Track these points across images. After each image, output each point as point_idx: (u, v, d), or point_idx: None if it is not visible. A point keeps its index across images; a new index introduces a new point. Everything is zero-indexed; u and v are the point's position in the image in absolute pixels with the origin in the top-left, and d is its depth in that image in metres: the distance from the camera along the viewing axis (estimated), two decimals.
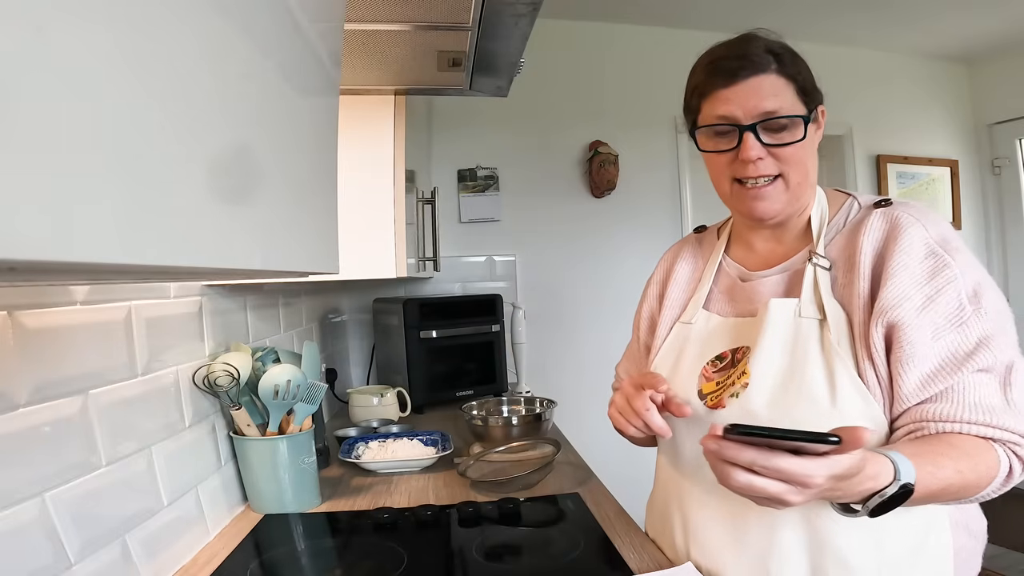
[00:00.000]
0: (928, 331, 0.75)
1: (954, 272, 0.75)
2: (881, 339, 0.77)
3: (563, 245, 2.73)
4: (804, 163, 0.85)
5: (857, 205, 0.88)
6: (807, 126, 0.83)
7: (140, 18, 0.30)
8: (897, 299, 0.76)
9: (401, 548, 1.01)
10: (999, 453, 0.72)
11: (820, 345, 0.80)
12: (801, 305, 0.83)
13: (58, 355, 0.73)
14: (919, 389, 0.74)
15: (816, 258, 0.85)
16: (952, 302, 0.75)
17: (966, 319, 0.74)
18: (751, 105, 0.82)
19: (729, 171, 0.87)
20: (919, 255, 0.77)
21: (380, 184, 1.25)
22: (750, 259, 0.96)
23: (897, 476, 0.65)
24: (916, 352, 0.74)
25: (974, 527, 0.84)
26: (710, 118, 0.86)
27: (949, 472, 0.69)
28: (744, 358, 0.86)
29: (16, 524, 0.64)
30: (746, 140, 0.82)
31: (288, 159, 0.54)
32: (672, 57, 2.84)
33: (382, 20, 0.95)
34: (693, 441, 0.89)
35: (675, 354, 0.97)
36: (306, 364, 1.24)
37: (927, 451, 0.70)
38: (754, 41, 0.85)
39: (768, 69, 0.82)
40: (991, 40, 3.06)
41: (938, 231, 0.79)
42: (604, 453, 1.78)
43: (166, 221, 0.33)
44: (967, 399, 0.73)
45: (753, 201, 0.86)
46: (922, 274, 0.76)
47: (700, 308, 0.97)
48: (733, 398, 0.84)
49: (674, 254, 1.09)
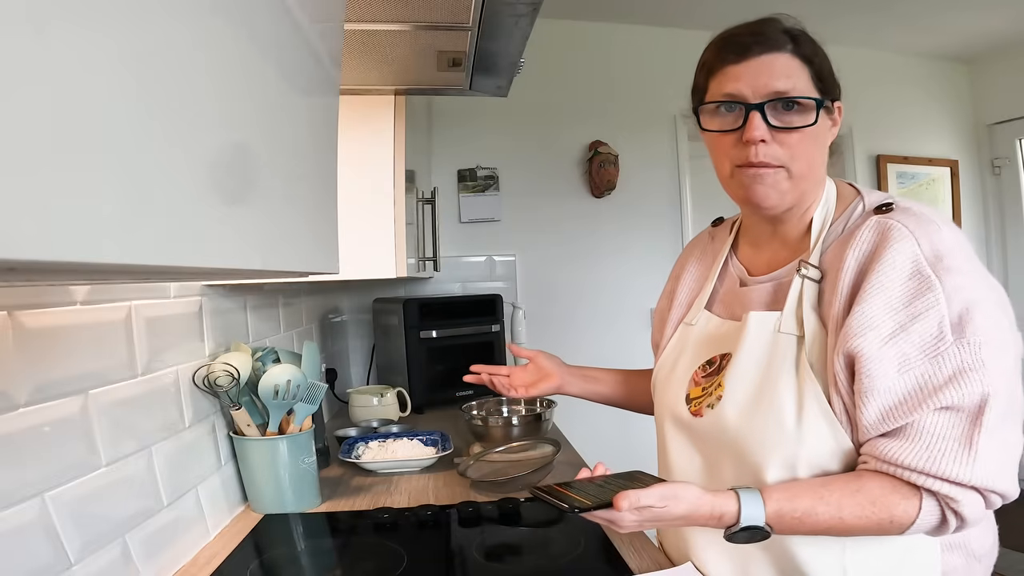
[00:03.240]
0: (893, 363, 0.69)
1: (937, 296, 0.68)
2: (843, 369, 0.72)
3: (563, 245, 2.73)
4: (811, 155, 0.79)
5: (862, 207, 0.81)
6: (819, 111, 0.77)
7: (139, 18, 0.30)
8: (861, 327, 0.70)
9: (401, 548, 1.01)
10: (925, 504, 0.69)
11: (795, 364, 0.77)
12: (782, 319, 0.79)
13: (58, 355, 0.73)
14: (879, 422, 0.70)
15: (805, 268, 0.79)
16: (929, 330, 0.68)
17: (943, 350, 0.67)
18: (761, 83, 0.77)
19: (731, 154, 0.81)
20: (901, 275, 0.70)
21: (380, 184, 1.25)
22: (755, 262, 0.92)
23: (739, 519, 0.70)
24: (875, 386, 0.69)
25: (975, 546, 0.79)
26: (716, 95, 0.81)
27: (826, 518, 0.70)
28: (726, 366, 0.84)
29: (16, 524, 0.64)
30: (751, 119, 0.77)
31: (288, 159, 0.54)
32: (672, 57, 2.84)
33: (382, 20, 0.95)
34: (680, 446, 0.90)
35: (676, 356, 0.96)
36: (306, 364, 1.24)
37: (815, 491, 0.71)
38: (772, 22, 0.80)
39: (783, 48, 0.77)
40: (991, 40, 3.06)
41: (932, 246, 0.71)
42: (604, 453, 1.78)
43: (166, 221, 0.33)
44: (920, 440, 0.68)
45: (752, 183, 0.79)
46: (900, 297, 0.70)
47: (702, 309, 0.95)
48: (709, 408, 0.83)
49: (689, 251, 1.07)
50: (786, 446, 0.75)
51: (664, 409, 0.94)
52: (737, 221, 0.99)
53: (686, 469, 0.88)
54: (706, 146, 0.87)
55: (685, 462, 0.89)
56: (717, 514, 0.70)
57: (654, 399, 1.00)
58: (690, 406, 0.87)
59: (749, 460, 0.78)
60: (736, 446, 0.80)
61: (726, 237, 0.99)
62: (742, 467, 0.79)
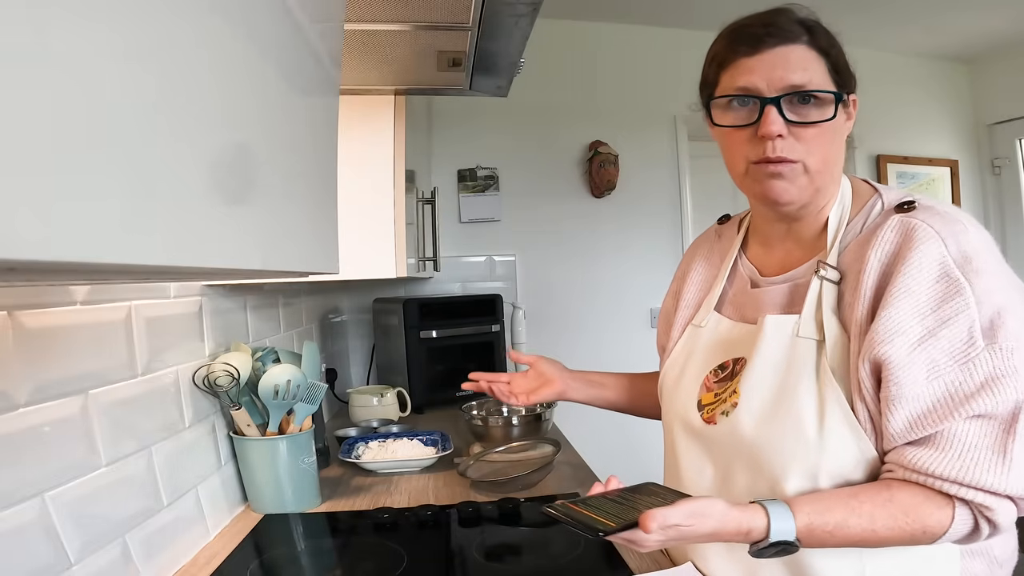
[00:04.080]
0: (922, 370, 0.66)
1: (967, 300, 0.65)
2: (869, 375, 0.70)
3: (563, 245, 2.73)
4: (828, 150, 0.76)
5: (880, 205, 0.78)
6: (838, 105, 0.74)
7: (140, 18, 0.30)
8: (889, 333, 0.67)
9: (401, 548, 1.01)
10: (958, 513, 0.67)
11: (815, 370, 0.74)
12: (800, 323, 0.76)
13: (58, 355, 0.73)
14: (906, 431, 0.68)
15: (824, 269, 0.76)
16: (960, 336, 0.66)
17: (974, 356, 0.65)
18: (776, 76, 0.73)
19: (745, 151, 0.77)
20: (929, 278, 0.67)
21: (380, 184, 1.25)
22: (766, 262, 0.88)
23: (768, 535, 0.67)
24: (903, 393, 0.67)
25: (998, 552, 0.76)
26: (729, 89, 0.77)
27: (858, 530, 0.67)
28: (740, 372, 0.81)
29: (16, 524, 0.64)
30: (767, 114, 0.73)
31: (288, 159, 0.54)
32: (672, 57, 2.84)
33: (382, 20, 0.95)
34: (691, 454, 0.86)
35: (684, 359, 0.92)
36: (306, 364, 1.24)
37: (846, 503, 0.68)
38: (784, 12, 0.76)
39: (798, 40, 0.74)
40: (991, 40, 3.05)
41: (960, 247, 0.68)
42: (604, 453, 1.78)
43: (166, 221, 0.33)
44: (952, 449, 0.66)
45: (769, 179, 0.76)
46: (928, 301, 0.67)
47: (711, 310, 0.91)
48: (724, 416, 0.80)
49: (695, 250, 1.03)
50: (807, 455, 0.72)
51: (673, 415, 0.91)
52: (746, 218, 0.96)
53: (696, 478, 0.85)
54: (717, 142, 0.83)
55: (695, 471, 0.85)
56: (744, 530, 0.67)
57: (662, 404, 0.97)
58: (702, 413, 0.84)
59: (766, 470, 0.75)
60: (752, 455, 0.77)
61: (734, 235, 0.95)
62: (758, 477, 0.77)
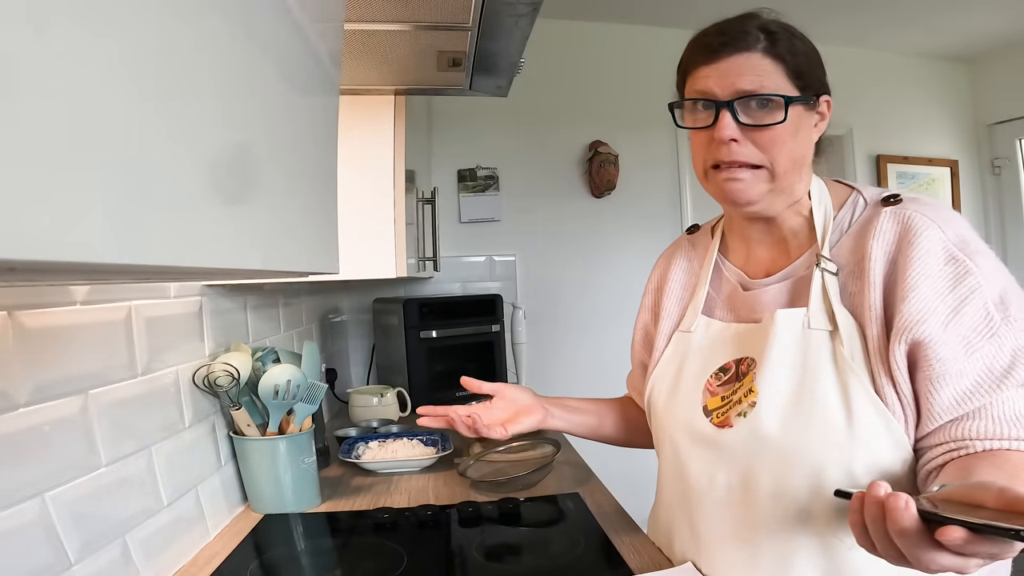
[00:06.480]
0: (959, 345, 0.68)
1: (978, 279, 0.69)
2: (903, 357, 0.71)
3: (563, 245, 2.73)
4: (791, 151, 0.78)
5: (863, 201, 0.81)
6: (788, 108, 0.77)
7: (139, 17, 0.30)
8: (921, 314, 0.69)
9: (401, 548, 1.01)
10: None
11: (832, 359, 0.75)
12: (810, 315, 0.77)
13: (58, 355, 0.73)
14: (953, 406, 0.68)
15: (823, 262, 0.78)
16: (979, 312, 0.68)
17: (996, 329, 0.68)
18: (728, 83, 0.77)
19: (704, 154, 0.81)
20: (938, 261, 0.70)
21: (380, 184, 1.25)
22: (751, 265, 0.89)
23: None
24: (948, 369, 0.68)
25: None
26: (691, 93, 0.82)
27: None
28: (750, 371, 0.80)
29: (16, 524, 0.64)
30: (721, 118, 0.77)
31: (288, 159, 0.54)
32: (672, 57, 2.83)
33: (382, 20, 0.95)
34: (701, 460, 0.84)
35: (676, 366, 0.91)
36: (306, 364, 1.24)
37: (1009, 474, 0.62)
38: (749, 19, 0.80)
39: (754, 48, 0.77)
40: (991, 40, 3.06)
41: (955, 232, 0.72)
42: (604, 453, 1.77)
43: (165, 221, 0.33)
44: (1006, 414, 0.67)
45: (726, 183, 0.79)
46: (943, 283, 0.70)
47: (699, 314, 0.91)
48: (741, 417, 0.79)
49: (667, 260, 1.04)
50: (839, 446, 0.72)
51: (675, 425, 0.88)
52: (718, 224, 0.98)
53: (707, 486, 0.83)
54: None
55: (706, 479, 0.83)
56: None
57: (654, 418, 0.95)
58: (711, 418, 0.82)
59: (797, 466, 0.74)
60: (778, 454, 0.76)
61: (710, 241, 0.97)
62: (787, 475, 0.75)
